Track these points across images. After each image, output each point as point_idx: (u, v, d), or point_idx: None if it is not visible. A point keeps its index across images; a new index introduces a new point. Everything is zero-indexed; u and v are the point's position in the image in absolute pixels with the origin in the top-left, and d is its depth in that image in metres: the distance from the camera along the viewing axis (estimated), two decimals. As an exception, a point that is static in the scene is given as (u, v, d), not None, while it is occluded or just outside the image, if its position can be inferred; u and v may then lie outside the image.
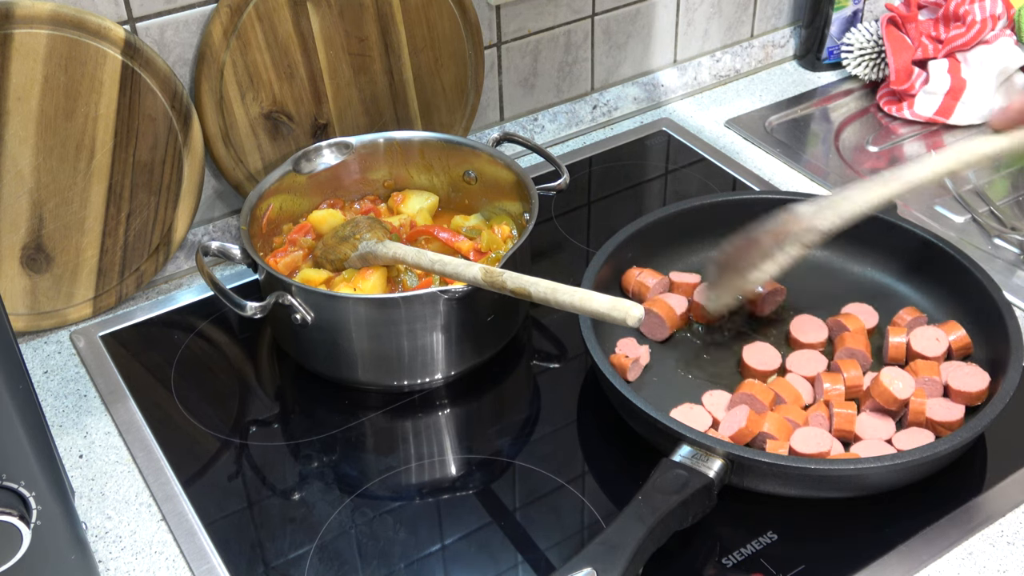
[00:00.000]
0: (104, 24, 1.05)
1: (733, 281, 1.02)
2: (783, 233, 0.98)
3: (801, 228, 0.97)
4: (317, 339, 1.04)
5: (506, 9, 1.33)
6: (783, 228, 0.98)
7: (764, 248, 0.99)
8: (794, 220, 0.97)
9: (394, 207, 1.20)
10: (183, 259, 1.24)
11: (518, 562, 0.91)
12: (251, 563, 0.91)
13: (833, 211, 0.96)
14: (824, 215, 0.96)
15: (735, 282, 1.02)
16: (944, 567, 0.89)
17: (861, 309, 1.09)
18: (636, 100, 1.51)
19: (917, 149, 1.42)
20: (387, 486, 0.98)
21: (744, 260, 1.01)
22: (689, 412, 0.98)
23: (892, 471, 0.89)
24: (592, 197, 1.36)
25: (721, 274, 1.04)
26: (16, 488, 0.74)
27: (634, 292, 1.11)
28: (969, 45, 1.42)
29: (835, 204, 0.96)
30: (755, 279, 1.01)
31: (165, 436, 1.03)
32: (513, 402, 1.08)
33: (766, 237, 0.99)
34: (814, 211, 0.97)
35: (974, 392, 0.97)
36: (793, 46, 1.63)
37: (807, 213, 0.97)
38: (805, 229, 0.97)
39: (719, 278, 1.04)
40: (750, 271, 1.00)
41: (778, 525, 0.92)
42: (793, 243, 0.98)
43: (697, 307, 1.09)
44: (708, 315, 1.08)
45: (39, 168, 1.06)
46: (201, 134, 1.15)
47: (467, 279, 0.98)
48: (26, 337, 1.15)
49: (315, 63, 1.19)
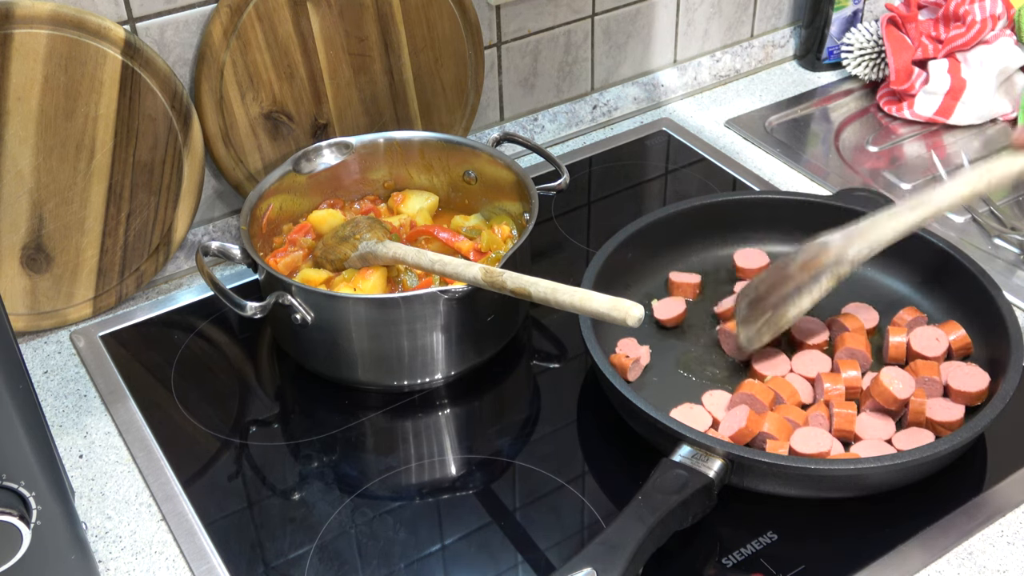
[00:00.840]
0: (104, 24, 1.05)
1: (769, 318, 1.00)
2: (815, 266, 0.97)
3: (832, 260, 0.96)
4: (317, 339, 1.04)
5: (506, 9, 1.33)
6: (815, 261, 0.97)
7: (798, 282, 0.98)
8: (825, 252, 0.97)
9: (394, 207, 1.20)
10: (183, 259, 1.24)
11: (518, 562, 0.91)
12: (251, 563, 0.91)
13: (863, 240, 0.95)
14: (855, 245, 0.95)
15: (771, 319, 1.00)
16: (944, 567, 0.89)
17: (861, 309, 1.09)
18: (636, 100, 1.51)
19: (917, 149, 1.42)
20: (387, 486, 0.98)
21: (777, 295, 1.00)
22: (689, 412, 0.98)
23: (892, 471, 0.89)
24: (592, 197, 1.36)
25: (753, 310, 1.02)
26: (16, 488, 0.74)
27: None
28: (969, 45, 1.42)
29: (865, 233, 0.96)
30: (792, 315, 1.00)
31: (165, 436, 1.03)
32: (513, 402, 1.08)
33: (798, 271, 0.98)
34: (844, 242, 0.96)
35: (974, 392, 0.97)
36: (793, 46, 1.63)
37: (837, 244, 0.96)
38: (836, 261, 0.96)
39: (751, 314, 1.02)
40: (786, 307, 0.99)
41: (778, 525, 0.92)
42: (827, 275, 0.97)
43: (727, 341, 1.06)
44: (741, 352, 1.05)
45: (39, 168, 1.06)
46: (201, 134, 1.15)
47: (467, 279, 0.98)
48: (26, 337, 1.15)
49: (315, 63, 1.19)
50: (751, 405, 0.97)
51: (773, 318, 1.01)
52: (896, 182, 1.35)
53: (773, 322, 1.01)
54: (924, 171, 1.37)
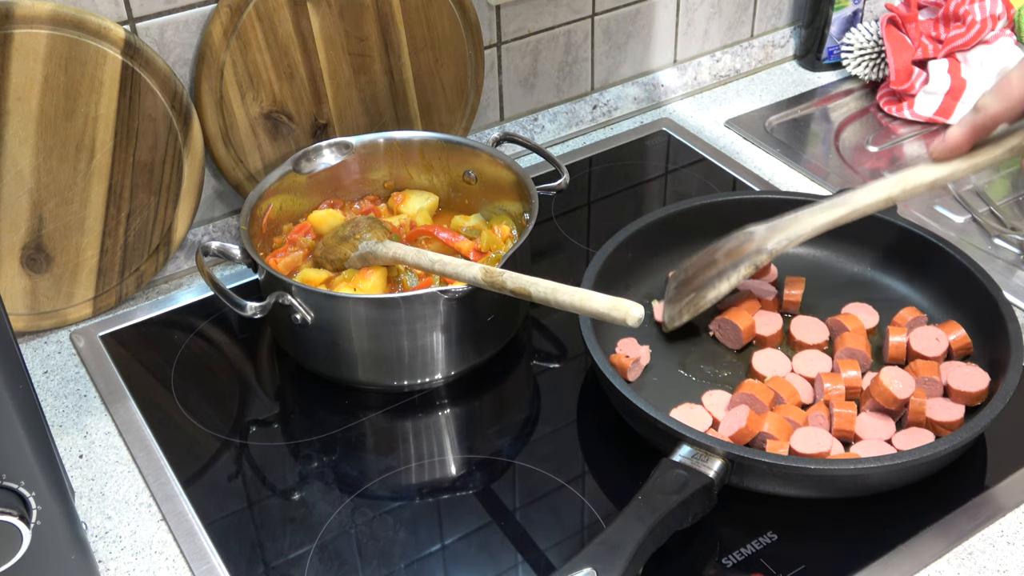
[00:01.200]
0: (104, 24, 1.05)
1: (691, 300, 1.05)
2: (738, 253, 1.01)
3: (754, 249, 1.00)
4: (317, 339, 1.04)
5: (506, 9, 1.33)
6: (738, 248, 1.01)
7: (720, 268, 1.02)
8: (749, 241, 1.01)
9: (394, 207, 1.20)
10: (183, 259, 1.24)
11: (518, 562, 0.91)
12: (251, 563, 0.91)
13: (783, 234, 0.99)
14: (776, 238, 0.99)
15: (692, 301, 1.05)
16: (944, 567, 0.89)
17: (861, 309, 1.09)
18: (636, 100, 1.51)
19: (917, 149, 1.42)
20: (387, 486, 0.98)
21: (701, 279, 1.04)
22: (689, 412, 0.98)
23: (892, 471, 0.89)
24: (592, 197, 1.36)
25: (679, 291, 1.06)
26: (16, 488, 0.74)
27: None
28: (969, 45, 1.42)
29: (786, 227, 0.99)
30: (710, 298, 1.03)
31: (165, 436, 1.03)
32: (513, 402, 1.08)
33: (723, 257, 1.02)
34: (767, 233, 1.00)
35: (974, 392, 0.97)
36: (793, 46, 1.63)
37: (760, 235, 1.00)
38: (756, 250, 1.00)
39: (676, 295, 1.06)
40: (707, 290, 1.03)
41: (778, 525, 0.92)
42: (746, 263, 1.01)
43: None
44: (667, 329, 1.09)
45: (39, 168, 1.06)
46: (201, 134, 1.15)
47: (467, 279, 0.98)
48: (26, 337, 1.15)
49: (315, 63, 1.19)
50: (751, 405, 0.97)
51: (695, 299, 1.04)
52: (896, 182, 1.35)
53: (693, 303, 1.04)
54: (924, 171, 1.37)
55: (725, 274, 1.02)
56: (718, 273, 1.03)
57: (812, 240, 1.17)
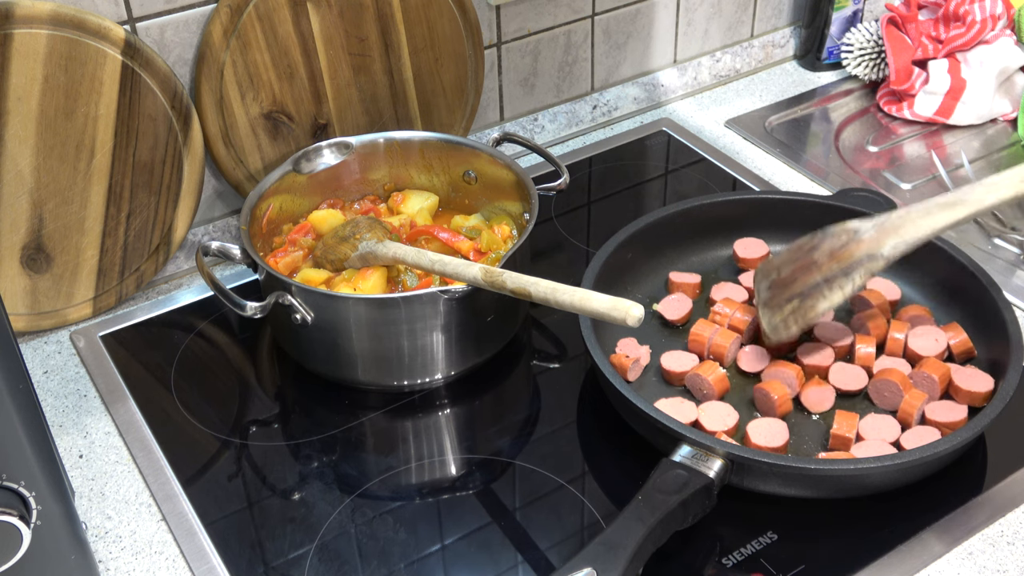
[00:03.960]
0: (104, 24, 1.05)
1: (796, 308, 0.96)
2: (845, 257, 0.92)
3: (864, 254, 0.91)
4: (317, 339, 1.04)
5: (506, 9, 1.33)
6: (845, 251, 0.92)
7: (826, 273, 0.93)
8: (856, 244, 0.92)
9: (394, 207, 1.20)
10: (183, 259, 1.24)
11: (518, 562, 0.91)
12: (251, 563, 0.91)
13: (899, 237, 0.91)
14: (891, 241, 0.91)
15: (799, 311, 0.96)
16: (944, 567, 0.89)
17: (883, 285, 1.10)
18: (636, 100, 1.51)
19: (917, 149, 1.42)
20: (387, 486, 0.98)
21: (804, 284, 0.95)
22: (680, 406, 0.98)
23: (892, 471, 0.89)
24: (592, 197, 1.36)
25: (776, 295, 0.97)
26: (16, 488, 0.74)
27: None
28: (969, 45, 1.42)
29: (899, 228, 0.91)
30: (821, 309, 0.95)
31: (165, 436, 1.03)
32: (513, 402, 1.08)
33: (827, 260, 0.93)
34: (878, 235, 0.91)
35: (981, 392, 0.97)
36: (793, 46, 1.63)
37: (870, 236, 0.91)
38: (869, 255, 0.91)
39: (773, 297, 0.97)
40: (815, 299, 0.94)
41: (778, 525, 0.92)
42: (859, 271, 0.92)
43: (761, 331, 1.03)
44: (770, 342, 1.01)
45: (39, 168, 1.06)
46: (201, 134, 1.15)
47: (467, 279, 0.98)
48: (26, 337, 1.15)
49: (315, 63, 1.19)
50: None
51: (801, 310, 0.95)
52: (896, 182, 1.35)
53: (801, 314, 0.95)
54: (924, 171, 1.37)
55: (836, 282, 0.93)
56: (826, 280, 0.93)
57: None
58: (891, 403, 0.99)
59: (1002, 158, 1.39)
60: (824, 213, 1.15)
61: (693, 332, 1.05)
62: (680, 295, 1.12)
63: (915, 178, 1.36)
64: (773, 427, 0.95)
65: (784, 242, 1.17)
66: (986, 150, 1.41)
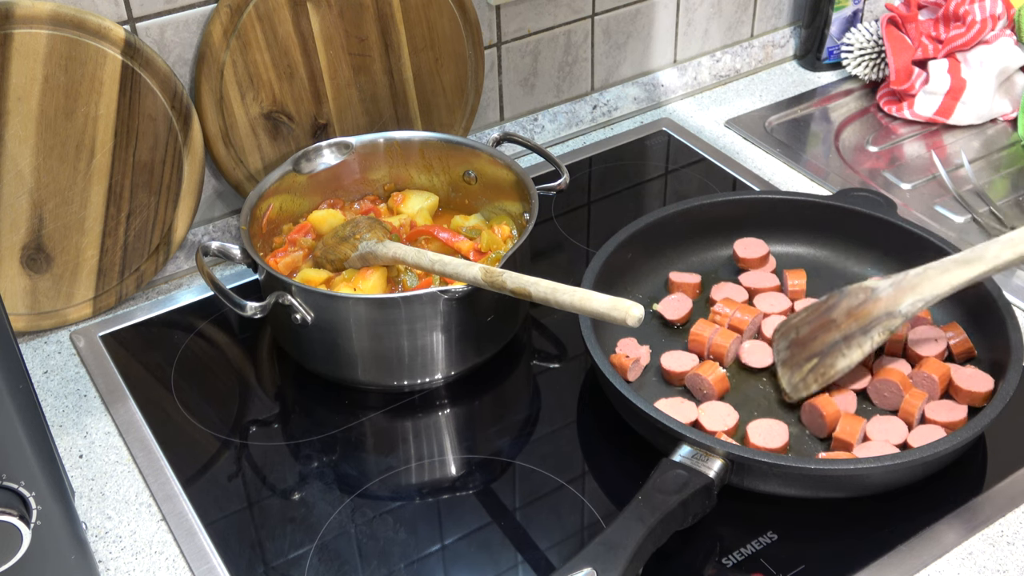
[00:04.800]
0: (104, 24, 1.05)
1: (815, 367, 0.97)
2: (863, 315, 0.94)
3: (883, 312, 0.94)
4: (317, 339, 1.04)
5: (506, 9, 1.33)
6: (862, 310, 0.94)
7: (844, 332, 0.95)
8: (874, 303, 0.94)
9: (394, 207, 1.20)
10: (183, 259, 1.24)
11: (518, 562, 0.91)
12: (251, 563, 0.91)
13: (917, 295, 0.93)
14: (907, 299, 0.93)
15: (818, 368, 0.97)
16: (944, 567, 0.89)
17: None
18: (636, 100, 1.51)
19: (917, 149, 1.42)
20: (387, 486, 0.98)
21: (823, 342, 0.97)
22: (680, 406, 0.98)
23: (892, 471, 0.89)
24: (592, 197, 1.36)
25: (795, 354, 0.99)
26: (16, 488, 0.74)
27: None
28: (969, 45, 1.42)
29: (916, 286, 0.93)
30: (841, 367, 0.96)
31: (165, 436, 1.03)
32: (513, 402, 1.08)
33: (844, 318, 0.95)
34: (895, 293, 0.94)
35: (981, 392, 0.97)
36: (793, 46, 1.63)
37: (887, 294, 0.94)
38: (887, 313, 0.94)
39: (792, 357, 1.00)
40: (834, 357, 0.96)
41: (778, 525, 0.92)
42: (878, 329, 0.94)
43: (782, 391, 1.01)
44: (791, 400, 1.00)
45: (39, 168, 1.06)
46: (201, 134, 1.15)
47: (467, 279, 0.98)
48: (26, 337, 1.15)
49: (315, 63, 1.19)
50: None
51: (820, 367, 0.97)
52: (896, 182, 1.35)
53: (821, 372, 0.97)
54: (924, 171, 1.37)
55: (855, 340, 0.95)
56: (844, 338, 0.95)
57: (811, 239, 1.18)
58: (891, 403, 0.99)
59: (1002, 158, 1.39)
60: (824, 213, 1.15)
61: (693, 332, 1.05)
62: (680, 295, 1.12)
63: (915, 178, 1.36)
64: (773, 427, 0.95)
65: (784, 243, 1.18)
66: (986, 150, 1.41)
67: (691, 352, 1.05)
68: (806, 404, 0.98)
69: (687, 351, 1.05)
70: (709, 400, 0.99)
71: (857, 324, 0.96)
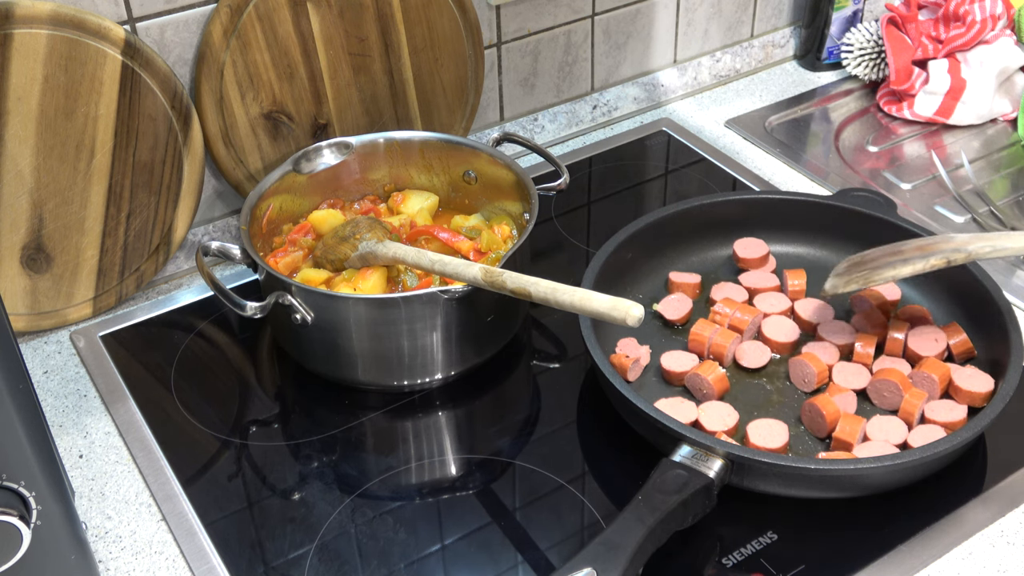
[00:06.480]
0: (104, 24, 1.05)
1: (862, 274, 1.00)
2: (932, 247, 0.97)
3: (951, 247, 0.96)
4: (317, 339, 1.04)
5: (506, 9, 1.33)
6: (934, 245, 0.98)
7: (906, 255, 0.99)
8: (946, 240, 0.97)
9: (394, 207, 1.20)
10: (183, 259, 1.24)
11: (518, 562, 0.91)
12: (251, 563, 0.91)
13: (989, 242, 0.96)
14: (978, 243, 0.96)
15: (864, 275, 1.00)
16: (944, 567, 0.89)
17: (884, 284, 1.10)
18: (636, 100, 1.51)
19: (917, 149, 1.42)
20: (387, 486, 0.98)
21: (880, 262, 1.00)
22: (680, 406, 0.98)
23: (892, 471, 0.89)
24: (592, 197, 1.36)
25: (850, 269, 1.02)
26: (16, 488, 0.74)
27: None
28: (969, 45, 1.42)
29: (994, 238, 0.96)
30: (886, 275, 0.99)
31: (165, 436, 1.03)
32: (513, 402, 1.08)
33: (911, 249, 0.98)
34: (969, 237, 0.97)
35: (981, 393, 0.97)
36: (793, 46, 1.63)
37: (962, 237, 0.97)
38: (955, 248, 0.96)
39: (846, 271, 1.02)
40: (884, 269, 0.99)
41: (778, 525, 0.92)
42: (937, 255, 0.97)
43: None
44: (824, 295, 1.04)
45: (39, 168, 1.06)
46: (201, 134, 1.15)
47: (467, 279, 0.98)
48: (26, 337, 1.15)
49: (315, 63, 1.19)
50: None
51: (867, 274, 1.00)
52: (896, 182, 1.35)
53: (864, 276, 1.00)
54: (924, 171, 1.37)
55: (911, 260, 0.98)
56: (903, 259, 0.99)
57: (811, 239, 1.18)
58: (891, 403, 0.99)
59: (1002, 158, 1.39)
60: (824, 213, 1.15)
61: (693, 332, 1.05)
62: (680, 295, 1.12)
63: (915, 178, 1.36)
64: (773, 427, 0.95)
65: (784, 243, 1.18)
66: (986, 150, 1.41)
67: (691, 352, 1.05)
68: (806, 404, 0.98)
69: (687, 351, 1.05)
70: (709, 400, 0.99)
71: (920, 252, 0.98)
